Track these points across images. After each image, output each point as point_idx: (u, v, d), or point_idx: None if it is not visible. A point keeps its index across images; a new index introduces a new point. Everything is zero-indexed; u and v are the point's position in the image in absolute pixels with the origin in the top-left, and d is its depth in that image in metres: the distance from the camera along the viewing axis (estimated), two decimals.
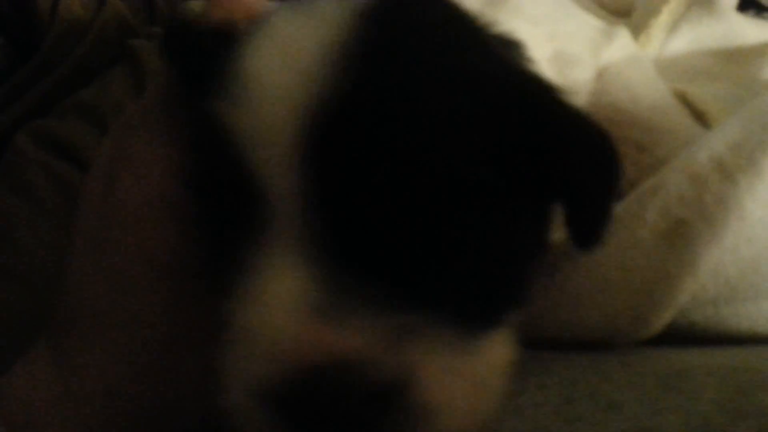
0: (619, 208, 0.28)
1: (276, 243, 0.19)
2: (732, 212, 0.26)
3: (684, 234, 0.26)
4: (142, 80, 0.65)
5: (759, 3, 0.60)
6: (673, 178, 0.27)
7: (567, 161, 0.23)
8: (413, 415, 0.19)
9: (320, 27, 0.20)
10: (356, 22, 0.20)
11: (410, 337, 0.19)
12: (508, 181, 0.21)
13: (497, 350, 0.22)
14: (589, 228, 0.24)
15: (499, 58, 0.24)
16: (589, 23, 0.38)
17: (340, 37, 0.20)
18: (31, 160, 0.56)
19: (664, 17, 0.44)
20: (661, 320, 0.27)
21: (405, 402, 0.19)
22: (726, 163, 0.27)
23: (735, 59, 0.45)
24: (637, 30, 0.44)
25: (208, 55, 0.23)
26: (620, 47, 0.37)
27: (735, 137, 0.28)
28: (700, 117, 0.35)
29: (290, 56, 0.19)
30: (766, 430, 0.20)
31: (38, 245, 0.50)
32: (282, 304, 0.19)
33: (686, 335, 0.28)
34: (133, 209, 0.26)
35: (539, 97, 0.23)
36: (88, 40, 0.72)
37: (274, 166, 0.19)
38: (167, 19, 0.83)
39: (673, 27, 0.44)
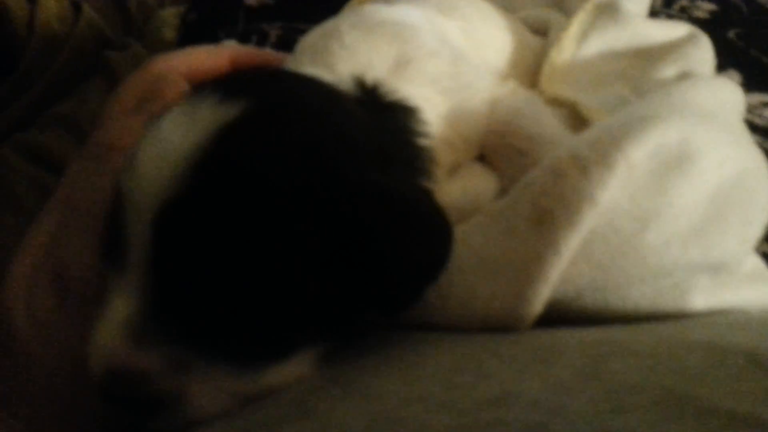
0: (501, 203, 0.34)
1: (124, 282, 0.27)
2: (585, 201, 0.30)
3: (548, 220, 0.31)
4: None
5: None
6: (540, 175, 0.32)
7: (384, 262, 0.28)
8: (180, 413, 0.27)
9: (190, 129, 0.27)
10: (216, 131, 0.27)
11: (189, 365, 0.27)
12: (311, 274, 0.27)
13: (280, 374, 0.29)
14: (394, 308, 0.30)
15: (343, 167, 0.28)
16: (483, 74, 0.44)
17: (198, 141, 0.27)
18: (16, 172, 0.60)
19: (574, 29, 0.50)
20: (539, 296, 0.31)
21: (175, 406, 0.27)
22: (582, 157, 0.31)
23: (641, 60, 0.50)
24: (551, 47, 0.50)
25: None
26: (510, 88, 0.44)
27: (594, 135, 0.32)
28: (586, 123, 0.41)
29: (161, 149, 0.27)
30: (610, 390, 0.24)
31: None
32: (110, 326, 0.27)
33: (581, 321, 0.32)
34: None
35: (365, 202, 0.28)
36: (65, 53, 0.75)
37: (134, 229, 0.27)
38: (141, 29, 0.87)
39: (583, 37, 0.50)
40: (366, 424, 0.25)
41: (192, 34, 0.68)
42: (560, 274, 0.31)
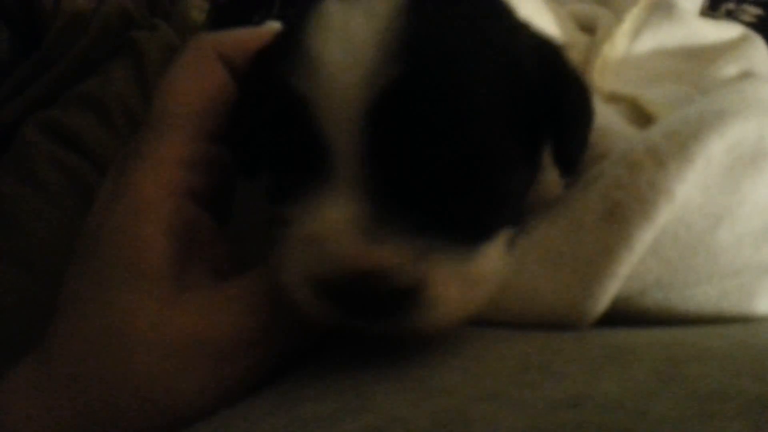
0: (568, 195, 0.32)
1: (338, 184, 0.26)
2: (661, 194, 0.29)
3: (620, 213, 0.29)
4: (143, 71, 0.67)
5: None
6: (612, 166, 0.31)
7: (564, 111, 0.31)
8: (424, 305, 0.27)
9: (371, 16, 0.26)
10: (400, 10, 0.26)
11: (427, 254, 0.26)
12: (516, 132, 0.29)
13: (490, 258, 0.29)
14: (574, 156, 0.33)
15: (524, 35, 0.31)
16: None
17: (387, 24, 0.26)
18: (38, 150, 0.58)
19: (627, 25, 0.48)
20: (606, 292, 0.30)
21: (420, 297, 0.27)
22: (660, 150, 0.30)
23: (696, 59, 0.49)
24: (603, 42, 0.48)
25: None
26: None
27: (671, 127, 0.31)
28: (650, 119, 0.39)
29: (351, 41, 0.26)
30: (693, 395, 0.23)
31: (45, 232, 0.53)
32: (341, 224, 0.26)
33: (640, 321, 0.31)
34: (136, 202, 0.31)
35: (551, 60, 0.32)
36: (90, 32, 0.74)
37: (339, 127, 0.26)
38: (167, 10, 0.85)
39: (636, 33, 0.49)
40: (431, 419, 0.23)
41: (224, 17, 0.67)
42: (629, 269, 0.30)
